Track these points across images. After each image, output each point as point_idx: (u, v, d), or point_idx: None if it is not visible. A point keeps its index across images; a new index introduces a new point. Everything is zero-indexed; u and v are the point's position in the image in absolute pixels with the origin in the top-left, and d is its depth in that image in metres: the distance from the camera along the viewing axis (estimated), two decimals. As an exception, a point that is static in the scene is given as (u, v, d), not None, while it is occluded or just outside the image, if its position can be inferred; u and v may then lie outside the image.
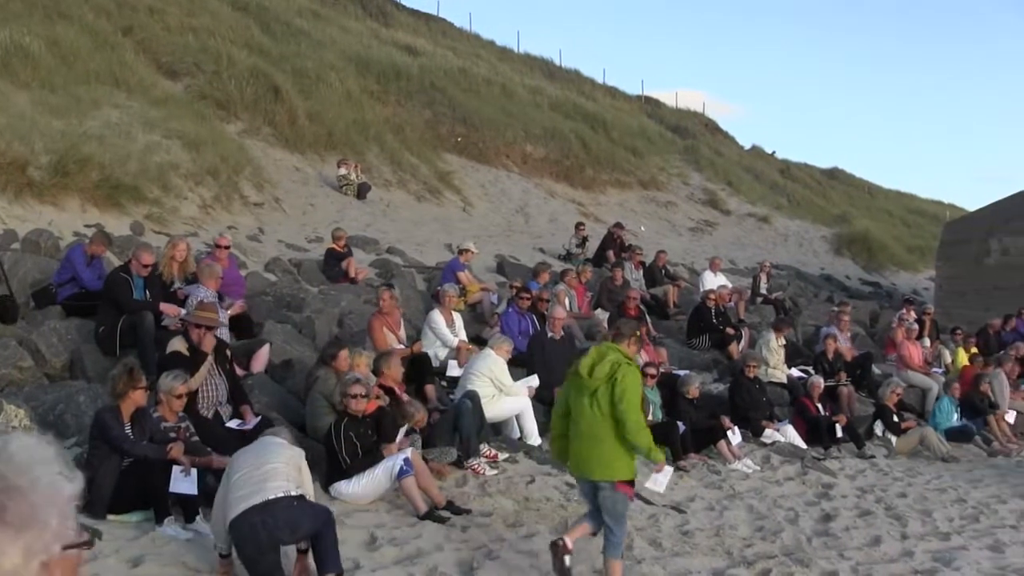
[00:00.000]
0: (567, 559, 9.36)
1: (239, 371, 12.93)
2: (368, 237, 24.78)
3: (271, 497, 8.61)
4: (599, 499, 9.27)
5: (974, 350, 24.46)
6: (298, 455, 9.25)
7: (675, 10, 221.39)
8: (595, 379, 9.14)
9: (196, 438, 10.60)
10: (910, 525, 13.38)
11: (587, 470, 9.36)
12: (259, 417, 11.71)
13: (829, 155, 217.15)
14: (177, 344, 11.88)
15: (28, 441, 2.29)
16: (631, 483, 9.41)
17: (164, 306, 13.91)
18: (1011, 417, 21.18)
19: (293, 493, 8.74)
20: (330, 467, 11.14)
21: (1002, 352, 24.20)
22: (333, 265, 20.82)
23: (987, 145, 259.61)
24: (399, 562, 9.50)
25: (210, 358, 11.80)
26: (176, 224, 21.33)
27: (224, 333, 13.46)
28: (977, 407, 20.82)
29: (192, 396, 11.24)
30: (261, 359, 14.11)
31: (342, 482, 10.98)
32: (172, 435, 10.26)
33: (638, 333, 10.35)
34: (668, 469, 10.92)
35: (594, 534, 9.65)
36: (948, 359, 24.15)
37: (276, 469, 8.85)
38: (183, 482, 9.67)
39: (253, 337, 15.01)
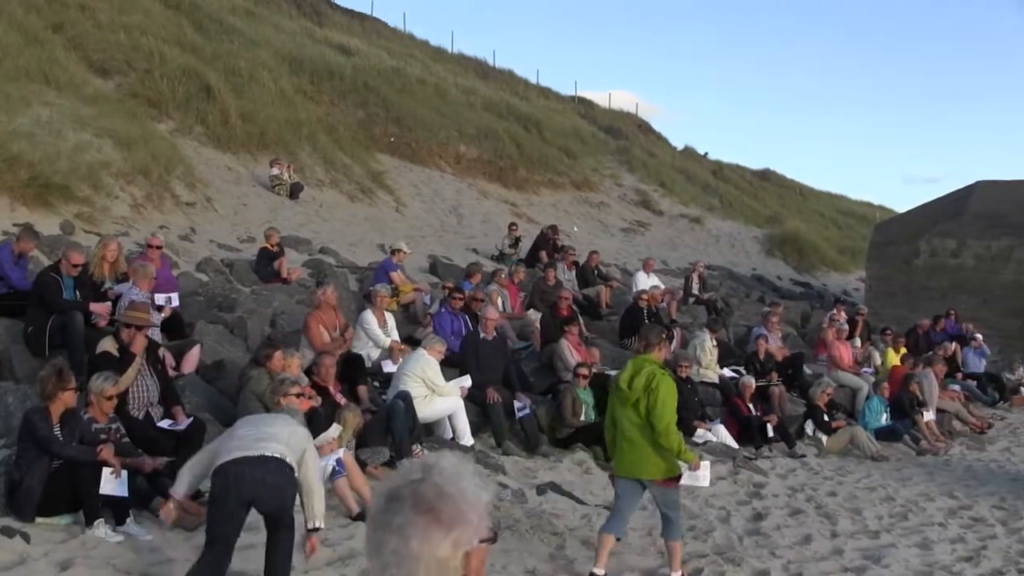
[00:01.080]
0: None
1: (170, 372, 12.87)
2: (301, 237, 24.71)
3: (267, 454, 8.68)
4: (652, 495, 10.58)
5: (903, 351, 24.74)
6: (304, 437, 9.28)
7: (608, 11, 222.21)
8: (634, 391, 10.17)
9: (127, 439, 10.54)
10: (840, 523, 13.51)
11: (635, 471, 10.36)
12: (191, 418, 11.66)
13: (761, 156, 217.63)
14: (107, 344, 11.80)
15: (454, 459, 2.91)
16: (676, 478, 10.43)
17: (94, 306, 13.82)
18: (930, 415, 21.41)
19: (288, 461, 8.76)
20: (262, 468, 11.09)
21: (931, 352, 24.52)
22: (265, 265, 20.75)
23: (915, 147, 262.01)
24: (332, 563, 9.50)
25: (140, 358, 11.74)
26: (107, 224, 21.15)
27: (156, 333, 13.40)
28: (906, 407, 21.06)
29: (123, 397, 11.17)
30: (192, 360, 14.06)
31: (274, 483, 10.92)
32: (102, 436, 10.20)
33: (664, 336, 11.25)
34: (705, 464, 11.52)
35: (619, 540, 10.52)
36: (878, 359, 24.39)
37: (277, 435, 8.92)
38: (113, 484, 9.62)
39: (184, 338, 14.94)
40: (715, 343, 20.45)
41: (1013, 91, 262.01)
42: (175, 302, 15.42)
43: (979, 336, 28.35)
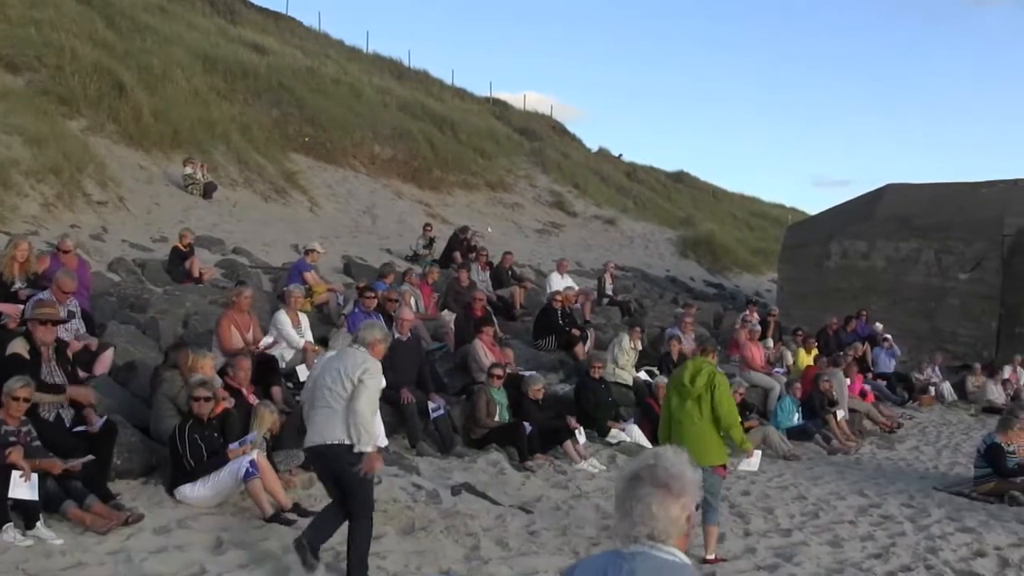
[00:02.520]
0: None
1: (81, 373, 12.73)
2: (214, 237, 24.56)
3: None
4: (706, 485, 11.29)
5: (815, 351, 25.00)
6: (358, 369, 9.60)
7: (523, 13, 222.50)
8: (696, 387, 11.68)
9: (37, 442, 10.43)
10: (753, 522, 13.61)
11: (696, 459, 9.90)
12: (103, 419, 11.55)
13: (675, 158, 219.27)
14: (17, 346, 11.64)
15: (671, 451, 4.27)
16: (724, 466, 11.96)
17: (2, 306, 13.68)
18: (842, 414, 21.66)
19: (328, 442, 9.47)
20: (175, 470, 11.02)
21: (840, 352, 24.78)
22: (178, 265, 20.63)
23: (825, 150, 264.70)
24: (245, 565, 9.45)
25: (49, 351, 11.61)
26: (16, 223, 20.91)
27: (68, 334, 13.27)
28: (817, 407, 21.28)
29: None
30: (104, 361, 13.89)
31: (187, 485, 10.86)
32: (12, 439, 10.07)
33: (718, 348, 13.83)
34: (757, 453, 13.91)
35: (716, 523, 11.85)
36: (790, 359, 24.62)
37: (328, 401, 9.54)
38: (22, 487, 9.51)
39: (96, 339, 14.79)
40: (635, 345, 20.53)
41: (920, 95, 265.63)
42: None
43: (889, 336, 28.72)
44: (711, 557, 11.51)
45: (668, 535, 4.11)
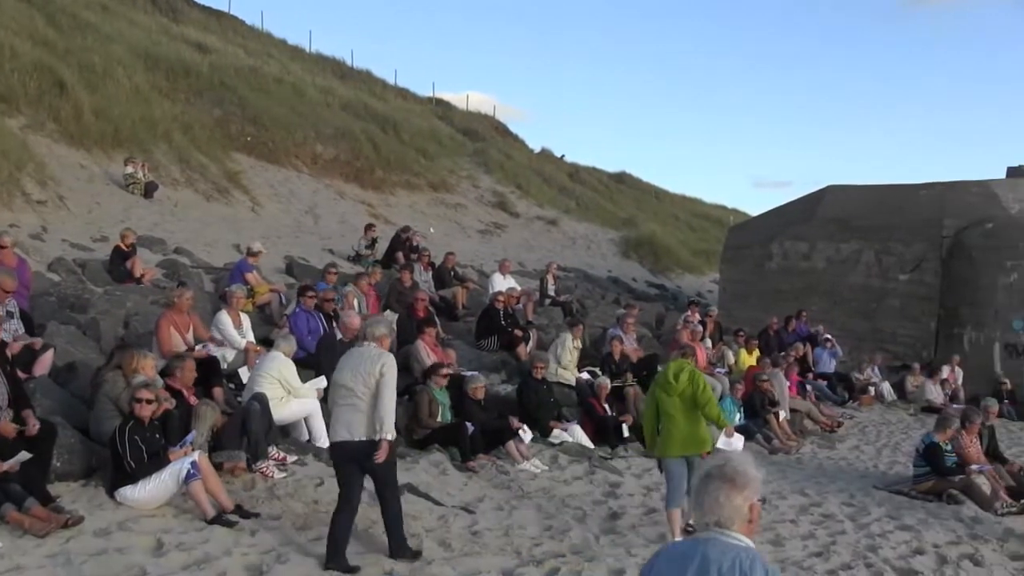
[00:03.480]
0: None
1: (21, 374, 12.62)
2: (155, 237, 24.43)
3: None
4: (692, 466, 12.47)
5: (757, 352, 25.15)
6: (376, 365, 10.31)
7: (466, 13, 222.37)
8: (680, 384, 12.94)
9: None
10: (695, 521, 13.67)
11: (687, 448, 12.80)
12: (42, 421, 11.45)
13: (617, 159, 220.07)
14: (-46, 346, 11.56)
15: (740, 455, 5.29)
16: (709, 453, 12.77)
17: (-60, 306, 13.57)
18: (783, 414, 21.82)
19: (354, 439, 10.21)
20: (115, 472, 10.94)
21: (781, 353, 24.94)
22: (118, 265, 20.51)
23: (765, 152, 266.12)
24: (187, 567, 9.42)
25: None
26: (-46, 222, 20.76)
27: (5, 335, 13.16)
28: (758, 407, 21.40)
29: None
30: (44, 362, 13.79)
31: (128, 487, 10.77)
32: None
33: (694, 347, 16.13)
34: (739, 436, 16.50)
35: (683, 510, 12.58)
36: (731, 360, 24.74)
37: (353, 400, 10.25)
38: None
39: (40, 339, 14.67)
40: (578, 344, 20.58)
41: (859, 97, 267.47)
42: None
43: (831, 337, 28.94)
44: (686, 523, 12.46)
45: (732, 522, 4.91)
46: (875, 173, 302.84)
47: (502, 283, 24.89)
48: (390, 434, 10.14)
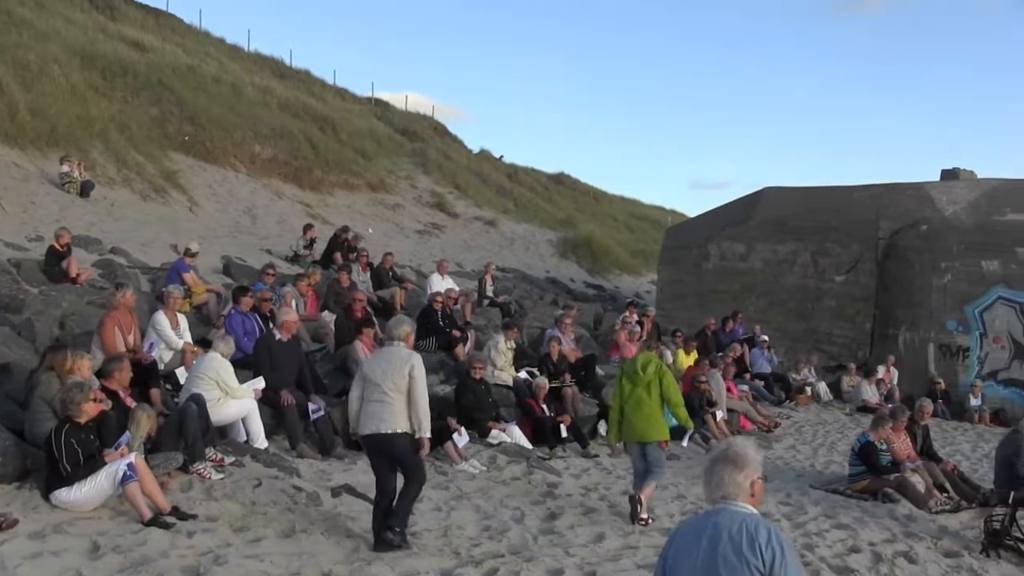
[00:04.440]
0: (639, 507, 13.56)
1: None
2: (91, 237, 24.26)
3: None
4: (647, 452, 13.90)
5: (695, 352, 25.28)
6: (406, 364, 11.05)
7: (405, 14, 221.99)
8: (647, 375, 13.92)
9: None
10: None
11: (644, 435, 13.88)
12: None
13: (556, 160, 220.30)
14: None
15: (740, 439, 6.59)
16: (665, 442, 14.30)
17: None
18: (721, 414, 21.96)
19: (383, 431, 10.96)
20: (51, 474, 10.85)
21: (719, 353, 25.07)
22: (54, 265, 20.35)
23: (704, 153, 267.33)
24: (123, 570, 9.36)
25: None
26: None
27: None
28: (696, 407, 21.50)
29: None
30: (-22, 364, 13.71)
31: (63, 489, 10.67)
32: None
33: (660, 340, 16.78)
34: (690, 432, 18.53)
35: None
36: (669, 360, 24.78)
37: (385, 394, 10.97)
38: None
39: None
40: (511, 345, 20.62)
41: (796, 99, 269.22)
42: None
43: (767, 338, 29.15)
44: (644, 516, 13.51)
45: (736, 495, 5.73)
46: (812, 175, 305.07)
47: (440, 284, 24.91)
48: (427, 432, 11.18)
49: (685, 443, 19.51)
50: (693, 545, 5.67)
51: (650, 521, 13.50)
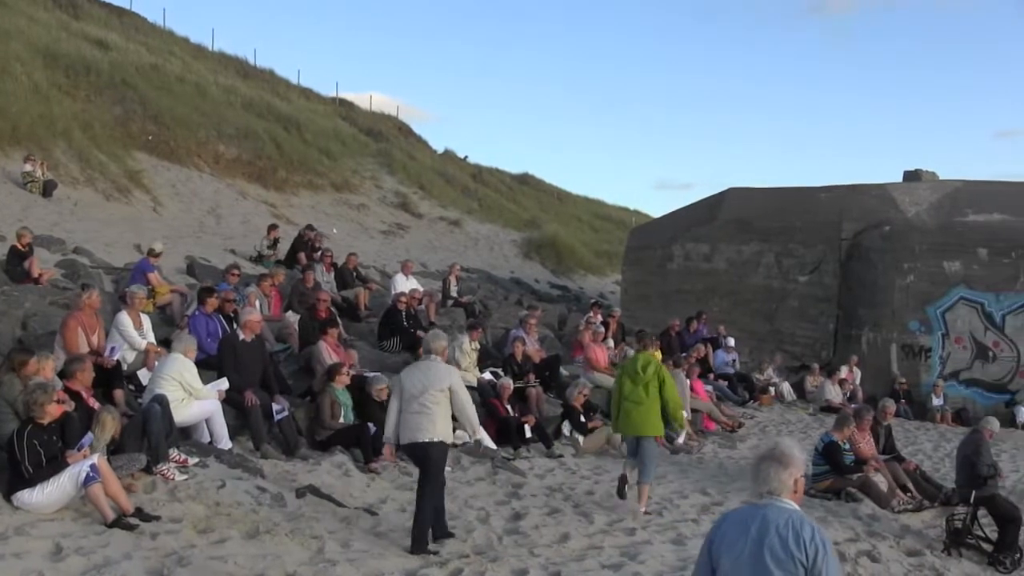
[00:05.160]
0: (625, 487, 14.84)
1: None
2: (54, 237, 24.14)
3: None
4: (641, 446, 14.80)
5: (657, 353, 25.30)
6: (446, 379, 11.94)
7: (369, 13, 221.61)
8: (647, 375, 14.84)
9: None
10: (597, 521, 13.75)
11: (640, 430, 14.79)
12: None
13: (520, 161, 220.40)
14: None
15: (786, 439, 6.43)
16: (659, 437, 15.63)
17: None
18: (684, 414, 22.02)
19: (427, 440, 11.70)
20: (13, 475, 10.77)
21: (683, 354, 25.11)
22: (16, 265, 20.24)
23: (669, 154, 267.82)
24: (86, 572, 9.32)
25: None
26: None
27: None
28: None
29: None
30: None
31: (25, 491, 10.60)
32: None
33: (654, 337, 17.65)
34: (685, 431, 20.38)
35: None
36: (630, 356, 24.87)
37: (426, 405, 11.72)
38: None
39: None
40: (475, 346, 20.63)
41: (760, 100, 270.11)
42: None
43: (731, 342, 29.24)
44: (643, 509, 14.41)
45: (782, 492, 6.17)
46: (776, 176, 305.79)
47: (404, 284, 24.89)
48: (477, 434, 13.35)
49: (681, 440, 20.72)
50: (740, 535, 6.16)
51: (649, 514, 14.44)
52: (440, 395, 11.69)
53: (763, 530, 6.07)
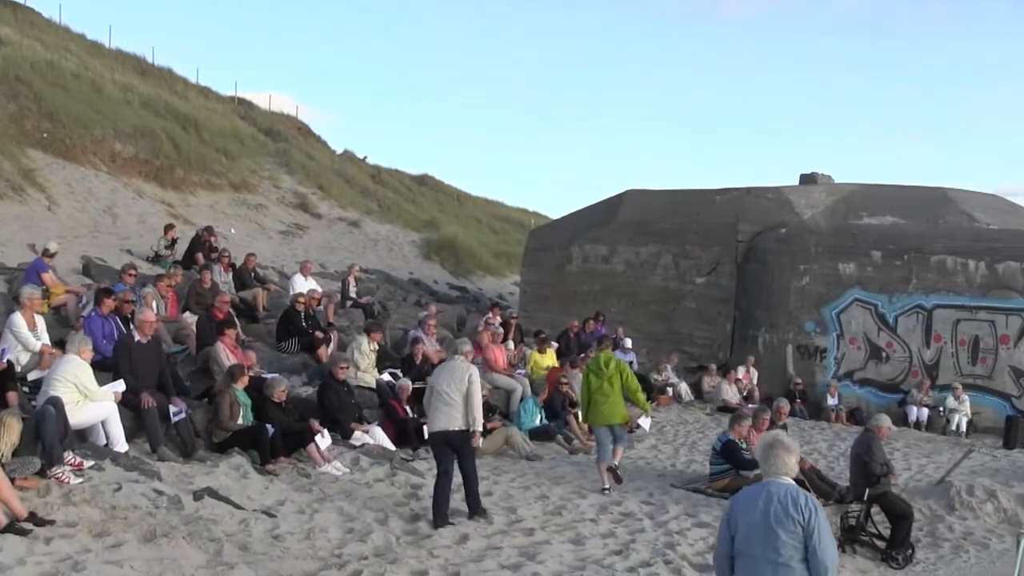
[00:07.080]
0: (618, 471, 17.25)
1: None
2: (-55, 237, 23.82)
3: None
4: (615, 431, 17.24)
5: (551, 352, 25.45)
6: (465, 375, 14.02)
7: (268, 12, 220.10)
8: (609, 370, 17.20)
9: None
10: (496, 522, 13.83)
11: (610, 419, 17.13)
12: None
13: (419, 162, 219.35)
14: None
15: (784, 433, 8.10)
16: (626, 423, 17.98)
17: None
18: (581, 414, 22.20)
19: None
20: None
21: (580, 355, 25.26)
22: (-96, 265, 19.95)
23: (568, 156, 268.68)
24: (-23, 576, 9.24)
25: None
26: None
27: None
28: (557, 408, 21.69)
29: None
30: None
31: (-85, 496, 10.51)
32: None
33: (610, 340, 22.26)
34: (649, 418, 24.00)
35: (610, 467, 17.09)
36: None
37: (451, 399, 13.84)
38: None
39: None
40: (374, 347, 20.64)
41: (657, 104, 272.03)
42: None
43: (629, 340, 29.44)
44: (617, 463, 17.27)
45: (787, 473, 7.48)
46: (674, 178, 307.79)
47: (303, 285, 24.85)
48: (480, 426, 14.15)
49: (647, 427, 24.05)
50: (752, 505, 7.46)
51: (621, 476, 17.27)
52: (463, 388, 13.78)
53: (768, 501, 7.36)
